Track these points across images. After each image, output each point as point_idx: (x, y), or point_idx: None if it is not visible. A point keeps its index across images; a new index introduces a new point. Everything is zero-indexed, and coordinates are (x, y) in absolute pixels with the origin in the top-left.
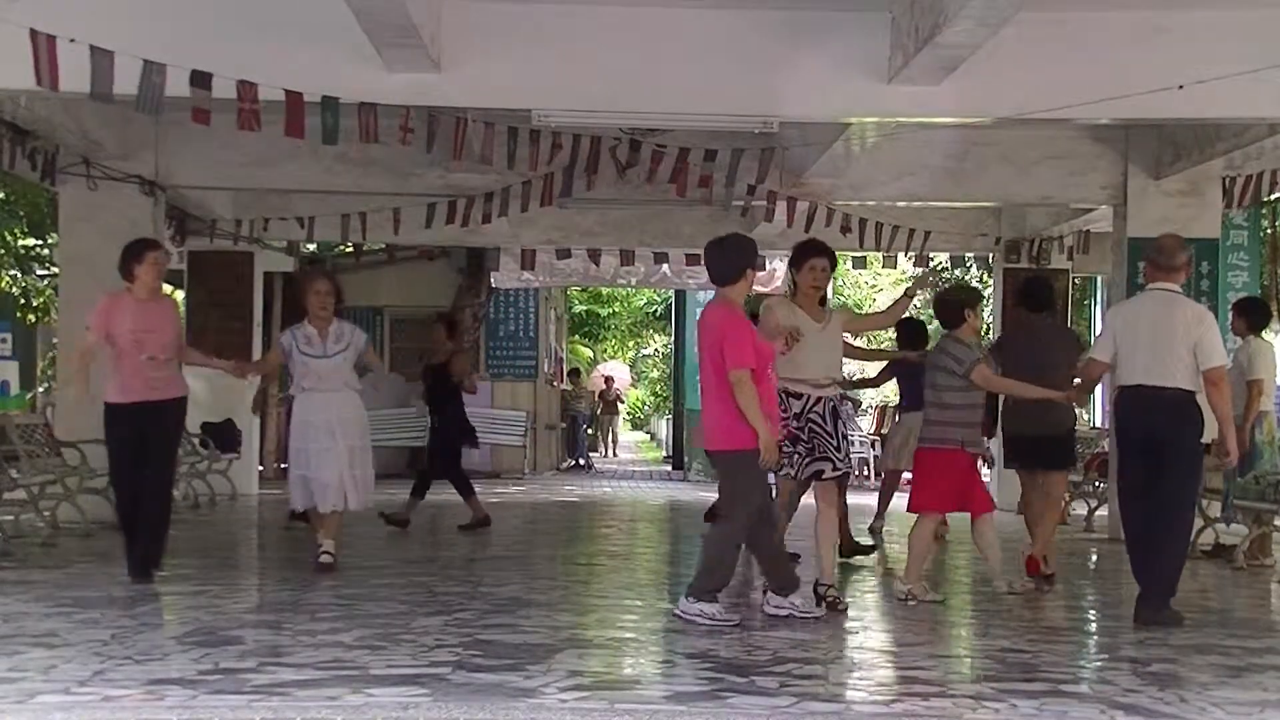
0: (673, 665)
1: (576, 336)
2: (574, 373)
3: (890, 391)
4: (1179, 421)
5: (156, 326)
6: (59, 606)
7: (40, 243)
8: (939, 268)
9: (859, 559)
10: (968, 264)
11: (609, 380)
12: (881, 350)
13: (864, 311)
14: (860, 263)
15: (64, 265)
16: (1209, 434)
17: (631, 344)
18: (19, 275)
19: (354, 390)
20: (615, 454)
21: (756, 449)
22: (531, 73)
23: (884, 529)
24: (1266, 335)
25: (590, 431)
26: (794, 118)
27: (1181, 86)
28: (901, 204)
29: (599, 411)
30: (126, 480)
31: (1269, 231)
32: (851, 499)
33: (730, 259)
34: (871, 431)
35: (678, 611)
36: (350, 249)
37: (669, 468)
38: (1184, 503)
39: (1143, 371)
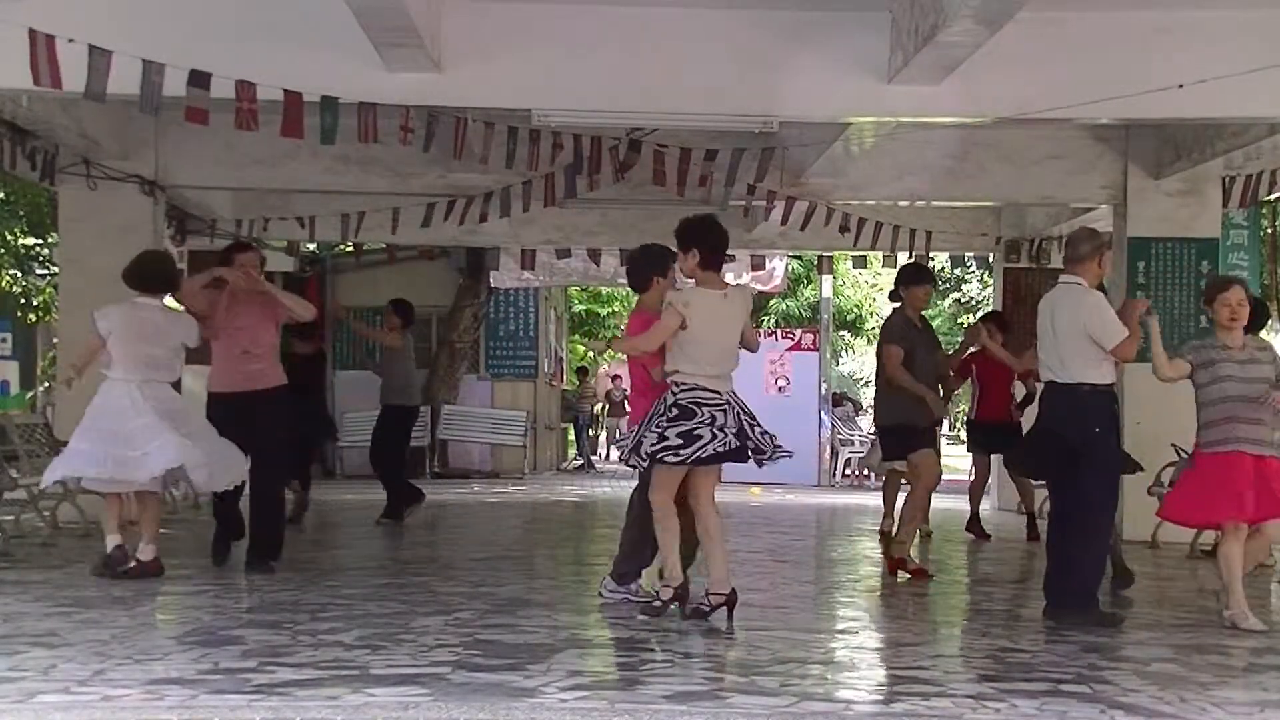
0: (673, 665)
1: (576, 336)
2: (581, 371)
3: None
4: (1083, 415)
5: (250, 323)
6: (59, 606)
7: (40, 243)
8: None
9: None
10: (968, 264)
11: (616, 379)
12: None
13: None
14: (860, 262)
15: (64, 265)
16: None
17: None
18: (19, 275)
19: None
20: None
21: None
22: (531, 73)
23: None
24: (1264, 335)
25: (591, 433)
26: (794, 118)
27: (1182, 86)
28: (902, 204)
29: (605, 413)
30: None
31: (1269, 231)
32: (856, 499)
33: (639, 269)
34: (872, 431)
35: (604, 593)
36: (350, 249)
37: None
38: (1097, 503)
39: (1047, 368)
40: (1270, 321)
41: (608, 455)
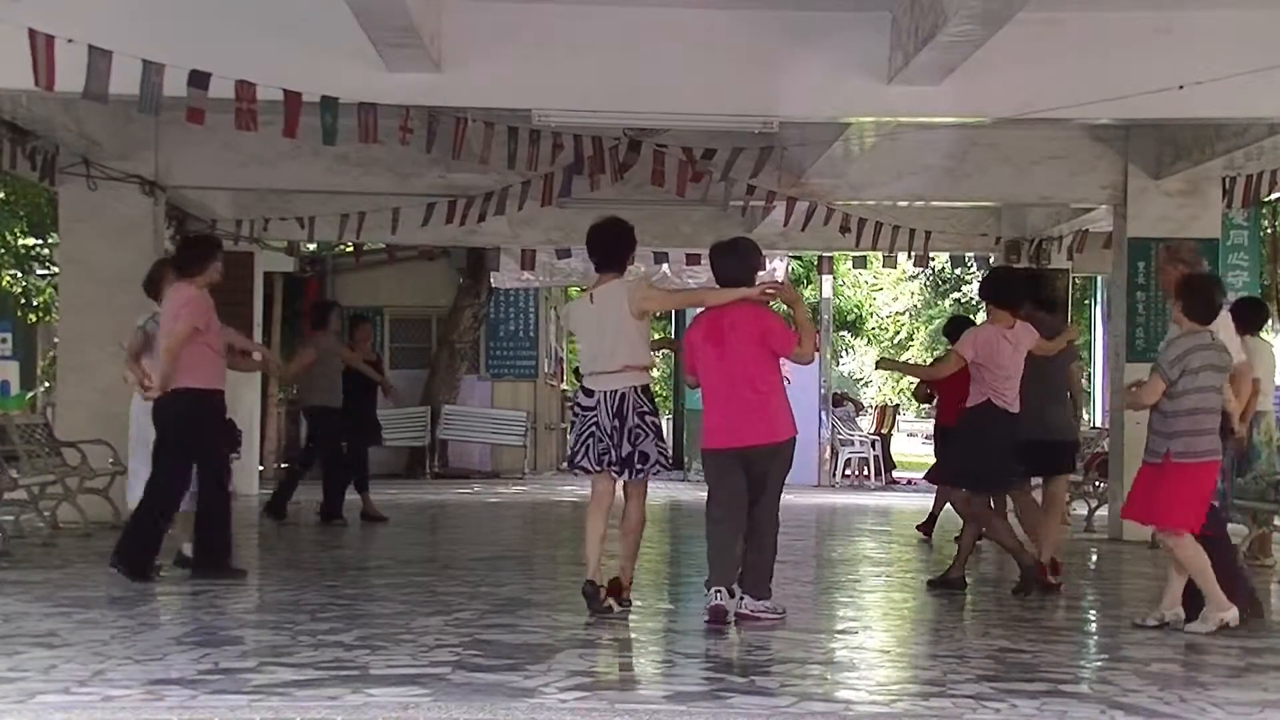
0: (673, 665)
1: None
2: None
3: (888, 389)
4: None
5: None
6: (59, 606)
7: (40, 243)
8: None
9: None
10: (968, 264)
11: None
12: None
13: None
14: (860, 262)
15: (64, 265)
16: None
17: None
18: (19, 275)
19: None
20: None
21: None
22: (531, 73)
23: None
24: (1265, 335)
25: None
26: (794, 118)
27: (1182, 87)
28: (902, 204)
29: None
30: (212, 468)
31: (1269, 231)
32: (856, 499)
33: (747, 262)
34: (871, 431)
35: (745, 612)
36: (350, 249)
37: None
38: None
39: None
40: (1270, 322)
41: None
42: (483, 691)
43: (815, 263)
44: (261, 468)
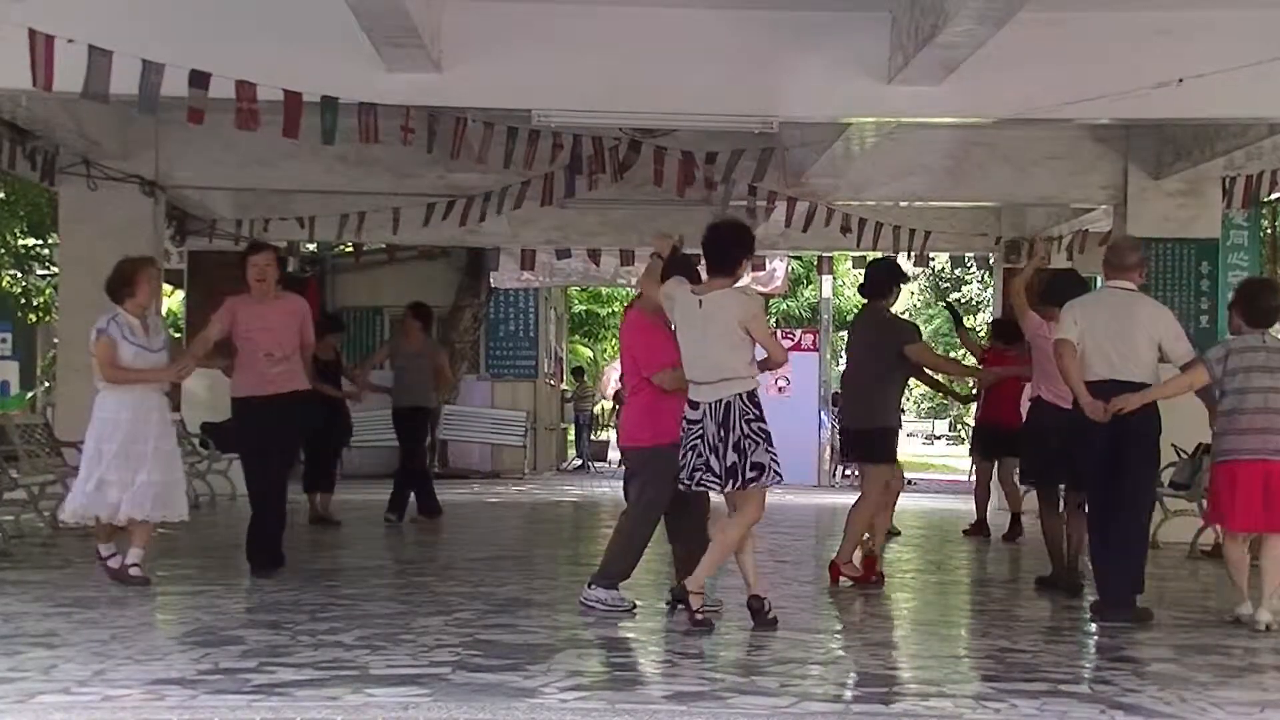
0: (673, 665)
1: (576, 336)
2: (577, 371)
3: None
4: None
5: (273, 325)
6: (59, 606)
7: (40, 243)
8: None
9: None
10: (968, 264)
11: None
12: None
13: None
14: (861, 262)
15: (64, 265)
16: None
17: None
18: (19, 275)
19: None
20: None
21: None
22: (531, 73)
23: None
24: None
25: (591, 435)
26: (794, 118)
27: (1182, 81)
28: (902, 204)
29: (615, 414)
30: (256, 474)
31: (1269, 231)
32: (855, 499)
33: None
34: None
35: (581, 599)
36: (350, 249)
37: None
38: (1150, 492)
39: (1110, 365)
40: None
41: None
42: (483, 691)
43: (815, 263)
44: None
